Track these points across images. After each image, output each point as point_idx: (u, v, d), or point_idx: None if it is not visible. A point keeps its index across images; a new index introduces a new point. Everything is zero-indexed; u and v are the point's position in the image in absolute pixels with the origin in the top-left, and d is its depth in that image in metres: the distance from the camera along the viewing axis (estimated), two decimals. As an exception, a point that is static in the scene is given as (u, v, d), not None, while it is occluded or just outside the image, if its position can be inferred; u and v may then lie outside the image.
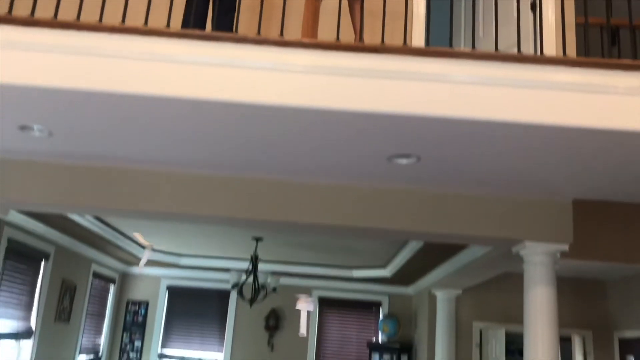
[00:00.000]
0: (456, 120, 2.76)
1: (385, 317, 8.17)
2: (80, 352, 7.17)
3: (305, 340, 8.36)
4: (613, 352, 6.98)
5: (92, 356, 7.66)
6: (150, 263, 8.07)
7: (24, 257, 5.68)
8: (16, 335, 5.69)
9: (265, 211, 4.11)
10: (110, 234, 6.39)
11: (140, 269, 3.33)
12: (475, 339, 7.13)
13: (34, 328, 5.96)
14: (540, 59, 2.80)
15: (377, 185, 4.05)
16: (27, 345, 5.92)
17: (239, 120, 2.94)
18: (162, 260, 7.85)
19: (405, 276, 7.50)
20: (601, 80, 2.78)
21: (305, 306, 3.27)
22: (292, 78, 2.74)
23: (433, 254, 5.88)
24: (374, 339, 8.24)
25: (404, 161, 3.42)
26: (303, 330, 3.18)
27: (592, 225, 4.21)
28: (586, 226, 4.19)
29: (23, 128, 3.32)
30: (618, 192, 3.90)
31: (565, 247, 4.08)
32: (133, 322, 8.34)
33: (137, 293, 8.47)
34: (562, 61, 2.80)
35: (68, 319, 6.71)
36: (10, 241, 5.30)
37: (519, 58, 2.79)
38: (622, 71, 2.77)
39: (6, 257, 5.29)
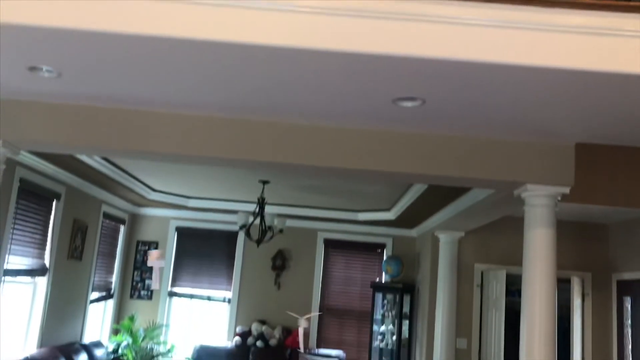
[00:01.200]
0: (462, 63, 2.77)
1: (388, 258, 8.35)
2: (93, 290, 7.42)
3: (310, 279, 8.59)
4: (611, 294, 7.16)
5: (104, 293, 7.92)
6: (159, 204, 8.23)
7: (36, 197, 5.81)
8: (31, 272, 5.89)
9: (271, 153, 4.17)
10: (119, 175, 6.50)
11: (154, 287, 3.45)
12: (477, 280, 7.31)
13: (48, 265, 6.16)
14: (547, 1, 2.78)
15: (382, 128, 4.09)
16: (42, 282, 6.13)
17: (246, 62, 2.96)
18: (171, 201, 7.99)
19: (409, 219, 7.63)
20: (608, 23, 2.77)
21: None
22: (298, 19, 2.74)
23: (436, 197, 5.97)
24: (377, 280, 8.46)
25: (409, 104, 3.44)
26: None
27: (595, 169, 4.26)
28: (588, 170, 4.23)
29: (32, 69, 3.35)
30: (622, 136, 3.93)
31: (566, 190, 4.15)
32: (143, 261, 8.57)
33: (147, 234, 8.66)
34: (569, 3, 2.78)
35: (80, 258, 6.92)
36: (22, 181, 5.42)
37: (526, 0, 2.77)
38: (629, 13, 2.75)
39: (19, 197, 5.42)
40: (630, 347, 6.79)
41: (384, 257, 8.59)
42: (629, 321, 6.82)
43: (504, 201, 4.91)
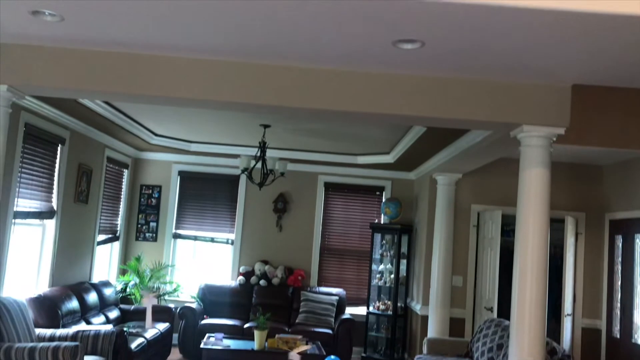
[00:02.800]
0: (461, 5, 2.82)
1: (387, 200, 8.52)
2: (99, 232, 7.62)
3: (311, 221, 8.79)
4: (603, 233, 7.37)
5: (110, 235, 8.13)
6: (161, 149, 8.33)
7: (42, 141, 5.91)
8: (40, 215, 6.06)
9: (272, 97, 4.25)
10: (121, 120, 6.58)
11: (148, 326, 3.55)
12: (473, 220, 7.51)
13: (55, 208, 6.32)
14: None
15: (382, 70, 4.15)
16: (51, 224, 6.31)
17: (246, 2, 3.00)
18: (173, 146, 8.09)
19: (407, 162, 7.75)
20: (605, -36, 2.81)
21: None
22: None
23: (435, 139, 6.07)
24: (376, 221, 8.65)
25: (408, 46, 3.51)
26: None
27: (590, 111, 4.34)
28: (584, 111, 4.32)
29: (35, 13, 3.40)
30: (618, 77, 4.00)
31: (561, 131, 4.25)
32: (147, 204, 8.75)
33: (150, 177, 8.80)
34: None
35: (86, 201, 7.07)
36: (27, 126, 5.51)
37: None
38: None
39: (25, 142, 5.52)
40: (619, 283, 7.05)
41: (383, 199, 8.76)
42: (620, 259, 7.05)
43: (500, 142, 5.02)
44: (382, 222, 8.59)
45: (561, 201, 7.20)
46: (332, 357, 6.74)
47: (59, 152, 6.30)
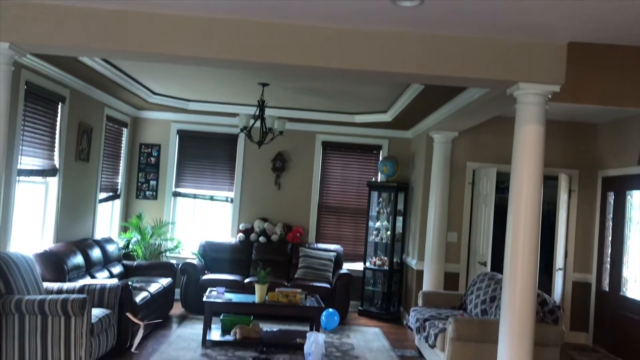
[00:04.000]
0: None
1: (384, 158, 8.62)
2: (100, 190, 7.72)
3: (309, 180, 8.91)
4: (596, 189, 7.52)
5: (111, 194, 8.24)
6: (160, 107, 8.36)
7: (42, 99, 5.95)
8: (43, 173, 6.15)
9: (271, 54, 4.28)
10: (120, 78, 6.60)
11: (134, 350, 3.65)
12: (468, 178, 7.64)
13: (57, 166, 6.40)
14: None
15: (381, 28, 4.19)
16: (54, 182, 6.40)
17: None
18: (171, 105, 8.12)
19: (405, 120, 7.82)
20: None
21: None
22: None
23: (432, 97, 6.14)
24: (373, 179, 8.77)
25: (407, 3, 3.55)
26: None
27: (586, 68, 4.40)
28: (580, 69, 4.38)
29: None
30: (615, 35, 4.05)
31: (556, 88, 4.33)
32: (147, 163, 8.83)
33: (149, 136, 8.86)
34: None
35: (87, 159, 7.15)
36: (28, 84, 5.54)
37: None
38: None
39: (26, 100, 5.57)
40: (610, 238, 7.24)
41: (380, 158, 8.86)
42: (611, 215, 7.22)
43: (496, 100, 5.09)
44: (379, 180, 8.71)
45: (555, 159, 7.33)
46: (331, 310, 6.96)
47: (59, 111, 6.35)
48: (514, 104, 4.50)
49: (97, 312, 5.09)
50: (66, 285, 5.44)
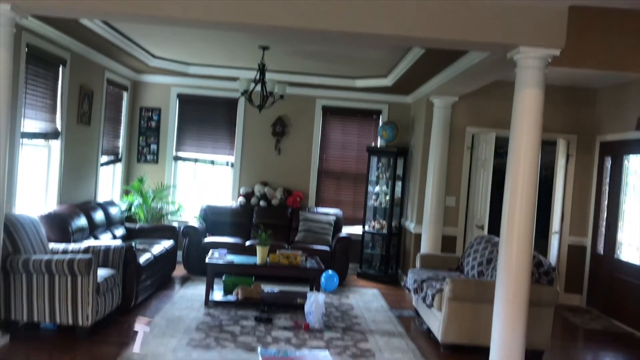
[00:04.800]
0: None
1: (384, 123, 8.65)
2: (102, 153, 7.77)
3: (309, 145, 8.96)
4: (593, 154, 7.59)
5: (112, 157, 8.30)
6: (160, 71, 8.35)
7: (43, 62, 5.96)
8: (45, 136, 6.19)
9: (271, 16, 4.28)
10: (120, 41, 6.58)
11: (136, 350, 3.65)
12: (468, 142, 7.70)
13: (59, 129, 6.44)
14: None
15: (382, -10, 4.19)
16: (56, 145, 6.45)
17: None
18: (171, 68, 8.11)
19: (405, 85, 7.83)
20: None
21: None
22: None
23: (433, 61, 6.14)
24: (373, 144, 8.83)
25: (410, -34, 3.54)
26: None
27: (586, 32, 4.42)
28: (581, 33, 4.40)
29: None
30: (615, -1, 4.06)
31: (557, 52, 4.35)
32: (147, 127, 8.86)
33: (149, 100, 8.87)
34: None
35: (89, 122, 7.19)
36: (29, 47, 5.54)
37: None
38: None
39: (27, 62, 5.57)
40: (606, 202, 7.34)
41: (380, 123, 8.90)
42: (608, 179, 7.31)
43: (497, 64, 5.11)
44: (378, 145, 8.77)
45: (554, 124, 7.38)
46: (330, 271, 7.10)
47: (60, 74, 6.35)
48: (513, 68, 4.53)
49: (102, 272, 5.20)
50: (71, 246, 5.55)
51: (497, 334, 4.52)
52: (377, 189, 8.61)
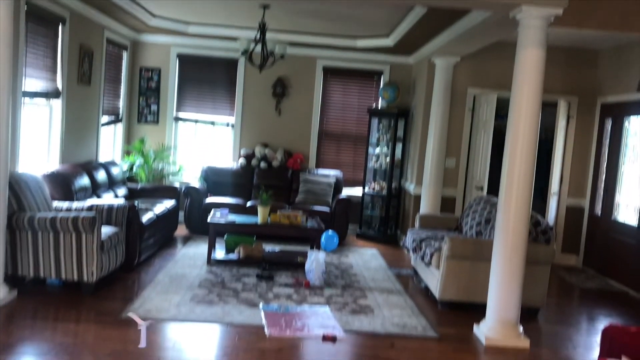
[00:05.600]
0: None
1: (385, 84, 8.62)
2: (103, 113, 7.78)
3: (310, 106, 8.95)
4: (594, 116, 7.60)
5: (113, 118, 8.30)
6: (160, 31, 8.29)
7: (43, 20, 5.91)
8: (46, 95, 6.19)
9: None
10: None
11: (142, 345, 3.62)
12: (469, 104, 7.69)
13: (60, 89, 6.43)
14: None
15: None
16: (57, 104, 6.46)
17: None
18: (171, 28, 8.04)
19: (407, 45, 7.77)
20: None
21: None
22: None
23: (435, 21, 6.10)
24: (374, 105, 8.82)
25: None
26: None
27: (590, -9, 4.39)
28: (584, -9, 4.37)
29: None
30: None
31: (559, 11, 4.33)
32: (147, 87, 8.84)
33: (149, 60, 8.82)
34: None
35: (89, 82, 7.17)
36: (28, 4, 5.50)
37: None
38: None
39: (27, 21, 5.53)
40: (605, 164, 7.39)
41: (381, 84, 8.87)
42: (608, 141, 7.34)
43: (499, 24, 5.09)
44: (379, 106, 8.76)
45: (555, 85, 7.36)
46: (330, 231, 7.19)
47: (60, 32, 6.31)
48: (516, 28, 4.51)
49: (106, 230, 5.28)
50: (75, 205, 5.61)
51: (494, 291, 4.63)
52: (377, 150, 8.64)
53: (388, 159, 8.46)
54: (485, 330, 4.62)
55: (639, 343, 2.88)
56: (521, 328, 4.65)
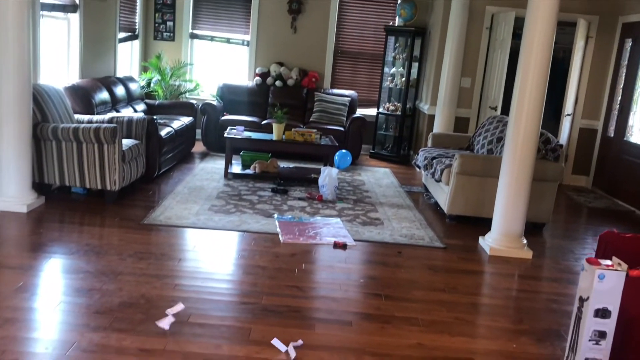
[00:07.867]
0: None
1: (402, 1, 8.46)
2: (119, 29, 7.80)
3: (325, 24, 8.85)
4: (614, 36, 7.47)
5: (129, 34, 8.32)
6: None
7: None
8: (64, 8, 6.22)
9: None
10: None
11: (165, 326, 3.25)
12: (486, 23, 7.59)
13: (77, 2, 6.45)
14: None
15: None
16: (75, 18, 6.49)
17: None
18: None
19: (425, -40, 7.59)
20: None
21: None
22: None
23: None
24: (390, 23, 8.70)
25: None
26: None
27: None
28: None
29: None
30: None
31: None
32: (163, 3, 8.77)
33: (164, -25, 8.71)
34: None
35: (105, -3, 7.17)
36: None
37: None
38: None
39: None
40: (622, 85, 7.34)
41: (399, 1, 8.71)
42: (626, 62, 7.26)
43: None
44: (396, 24, 8.65)
45: (575, 4, 7.22)
46: (344, 150, 7.34)
47: (74, -56, 6.27)
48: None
49: (126, 142, 5.46)
50: (96, 117, 5.77)
51: (500, 205, 4.78)
52: (393, 70, 8.62)
53: (403, 79, 8.45)
54: (490, 242, 4.81)
55: (631, 248, 3.04)
56: (525, 240, 4.84)
